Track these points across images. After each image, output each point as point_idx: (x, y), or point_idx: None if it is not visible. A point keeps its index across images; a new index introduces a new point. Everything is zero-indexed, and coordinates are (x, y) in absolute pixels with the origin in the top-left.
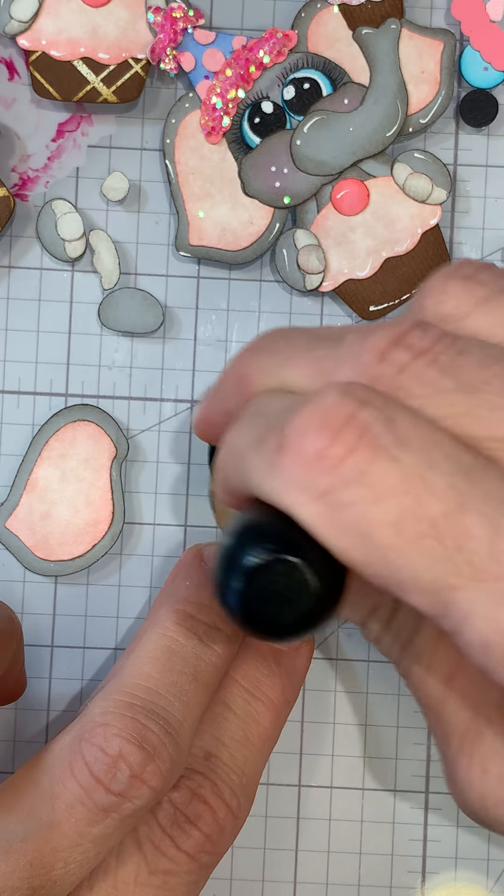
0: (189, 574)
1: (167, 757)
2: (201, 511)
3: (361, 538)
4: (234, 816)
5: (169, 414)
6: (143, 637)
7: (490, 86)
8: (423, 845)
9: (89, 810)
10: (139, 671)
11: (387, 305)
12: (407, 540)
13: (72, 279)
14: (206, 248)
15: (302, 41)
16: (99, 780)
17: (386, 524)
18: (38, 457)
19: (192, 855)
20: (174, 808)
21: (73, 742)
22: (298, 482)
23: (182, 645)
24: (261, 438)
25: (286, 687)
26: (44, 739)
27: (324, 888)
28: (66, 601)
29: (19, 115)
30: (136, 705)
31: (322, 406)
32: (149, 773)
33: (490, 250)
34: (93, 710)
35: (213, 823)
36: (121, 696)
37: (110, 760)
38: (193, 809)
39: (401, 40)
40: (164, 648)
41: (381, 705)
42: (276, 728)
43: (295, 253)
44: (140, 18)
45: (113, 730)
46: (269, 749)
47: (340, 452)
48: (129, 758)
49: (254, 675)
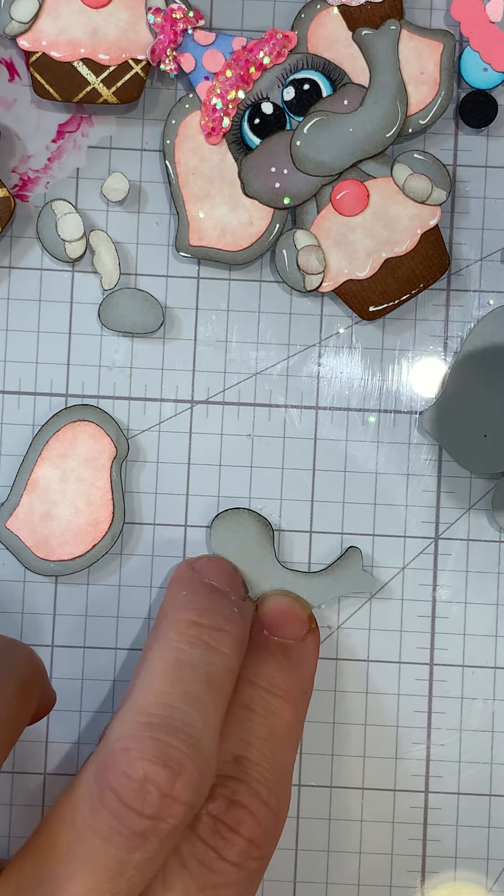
0: (184, 584)
1: (194, 769)
2: (201, 511)
3: None
4: (274, 815)
5: (169, 414)
6: (150, 653)
7: (489, 87)
8: (423, 845)
9: (126, 838)
10: (151, 688)
11: (386, 306)
12: None
13: (72, 279)
14: (205, 248)
15: (302, 42)
16: (130, 806)
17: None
18: (38, 457)
19: (238, 863)
20: (213, 819)
21: (98, 773)
22: None
23: (189, 653)
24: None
25: (300, 678)
26: (44, 739)
27: (323, 888)
28: (66, 601)
29: (19, 115)
30: (153, 724)
31: None
32: (179, 790)
33: (489, 250)
34: (111, 737)
35: (254, 827)
36: (136, 717)
37: (137, 785)
38: (233, 816)
39: (400, 41)
40: (171, 660)
41: (381, 705)
42: (298, 720)
43: (295, 253)
44: (140, 19)
45: (134, 753)
46: (296, 741)
47: None
48: (156, 778)
49: (267, 672)
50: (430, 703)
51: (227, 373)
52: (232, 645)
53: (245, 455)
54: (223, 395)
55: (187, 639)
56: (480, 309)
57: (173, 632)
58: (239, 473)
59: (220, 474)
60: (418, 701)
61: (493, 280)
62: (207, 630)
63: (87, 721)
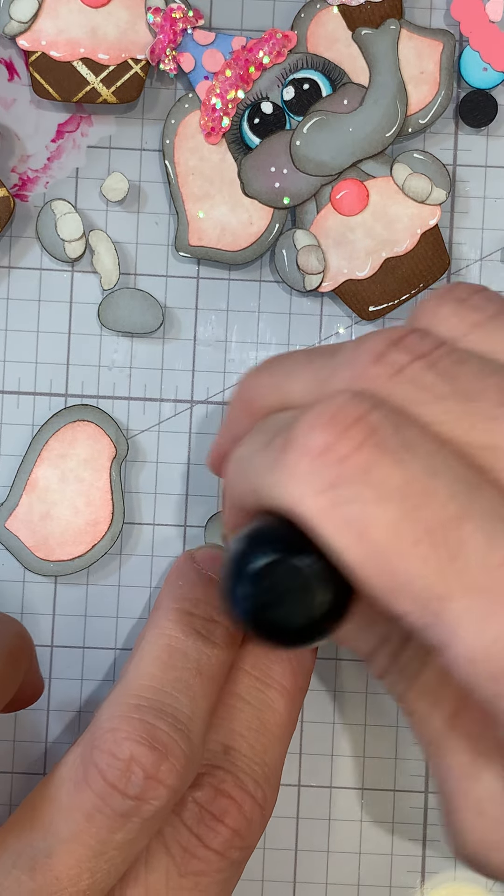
0: (181, 575)
1: (180, 754)
2: (201, 511)
3: (358, 537)
4: (260, 807)
5: (169, 414)
6: (143, 640)
7: (489, 86)
8: (423, 845)
9: (108, 818)
10: (142, 672)
11: (386, 305)
12: (402, 543)
13: (72, 279)
14: (205, 248)
15: (301, 42)
16: (114, 786)
17: (384, 525)
18: (37, 457)
19: (221, 852)
20: (198, 807)
21: (85, 752)
22: (302, 475)
23: (182, 641)
24: (268, 442)
25: (297, 672)
26: (44, 739)
27: (323, 888)
28: (66, 601)
29: (19, 115)
30: (142, 706)
31: (332, 406)
32: (164, 773)
33: (489, 250)
34: (100, 718)
35: (239, 817)
36: (126, 699)
37: (123, 765)
38: (218, 805)
39: (400, 41)
40: (164, 647)
41: (380, 705)
42: (292, 714)
43: (294, 253)
44: (140, 19)
45: (122, 734)
46: (288, 736)
47: (346, 449)
48: (142, 759)
49: (263, 663)
50: None
51: (227, 373)
52: (225, 637)
53: None
54: (223, 395)
55: (181, 627)
56: None
57: (167, 620)
58: None
59: None
60: None
61: (493, 280)
62: (201, 620)
63: (86, 721)
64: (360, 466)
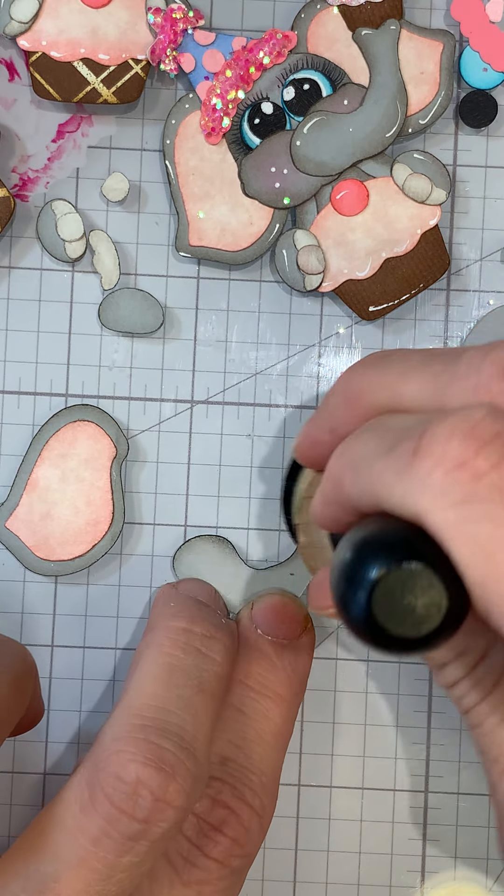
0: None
1: (187, 773)
2: (201, 511)
3: (487, 557)
4: (258, 816)
5: (169, 414)
6: (142, 659)
7: (489, 86)
8: (423, 845)
9: (116, 842)
10: (144, 691)
11: (386, 305)
12: None
13: (72, 279)
14: (205, 248)
15: (302, 42)
16: (121, 809)
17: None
18: (38, 457)
19: (221, 861)
20: (197, 819)
21: (90, 774)
22: (435, 486)
23: (181, 659)
24: (391, 446)
25: (292, 680)
26: (43, 739)
27: (323, 888)
28: (66, 601)
29: (19, 115)
30: (147, 726)
31: (469, 419)
32: (171, 794)
33: (489, 251)
34: (104, 739)
35: (238, 826)
36: (130, 720)
37: (129, 788)
38: (216, 816)
39: (400, 41)
40: (164, 665)
41: (381, 705)
42: (288, 722)
43: (295, 253)
44: (140, 19)
45: (127, 756)
46: (285, 744)
47: (484, 465)
48: (149, 782)
49: (258, 672)
50: (429, 704)
51: (227, 373)
52: (223, 652)
53: (245, 455)
54: (223, 395)
55: (179, 645)
56: (480, 309)
57: (165, 638)
58: (239, 473)
59: (220, 474)
60: (418, 701)
61: (493, 280)
62: (199, 637)
63: (86, 721)
64: (496, 485)
